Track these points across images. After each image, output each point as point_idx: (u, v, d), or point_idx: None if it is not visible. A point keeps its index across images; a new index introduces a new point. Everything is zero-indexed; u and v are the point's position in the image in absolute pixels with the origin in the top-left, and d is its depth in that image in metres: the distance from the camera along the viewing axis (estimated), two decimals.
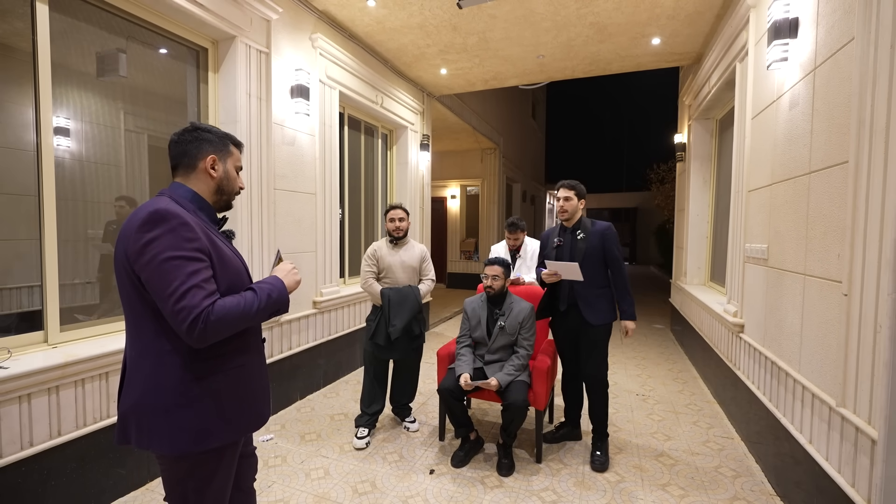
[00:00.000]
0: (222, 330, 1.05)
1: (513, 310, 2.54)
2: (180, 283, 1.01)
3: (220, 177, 1.23)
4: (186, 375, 1.09)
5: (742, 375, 2.77)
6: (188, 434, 1.09)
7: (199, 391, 1.11)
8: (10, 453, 1.74)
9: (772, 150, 2.40)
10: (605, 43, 4.08)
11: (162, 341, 1.09)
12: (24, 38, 2.07)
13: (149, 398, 1.09)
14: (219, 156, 1.23)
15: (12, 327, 1.97)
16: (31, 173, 2.07)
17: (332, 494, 2.19)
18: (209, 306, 1.03)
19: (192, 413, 1.10)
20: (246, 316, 1.09)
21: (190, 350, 1.09)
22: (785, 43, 2.14)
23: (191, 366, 1.10)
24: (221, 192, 1.25)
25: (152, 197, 1.23)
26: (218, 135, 1.25)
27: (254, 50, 2.93)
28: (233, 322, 1.07)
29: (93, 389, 2.03)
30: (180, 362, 1.09)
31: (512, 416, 2.37)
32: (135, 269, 1.05)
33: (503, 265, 2.55)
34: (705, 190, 4.64)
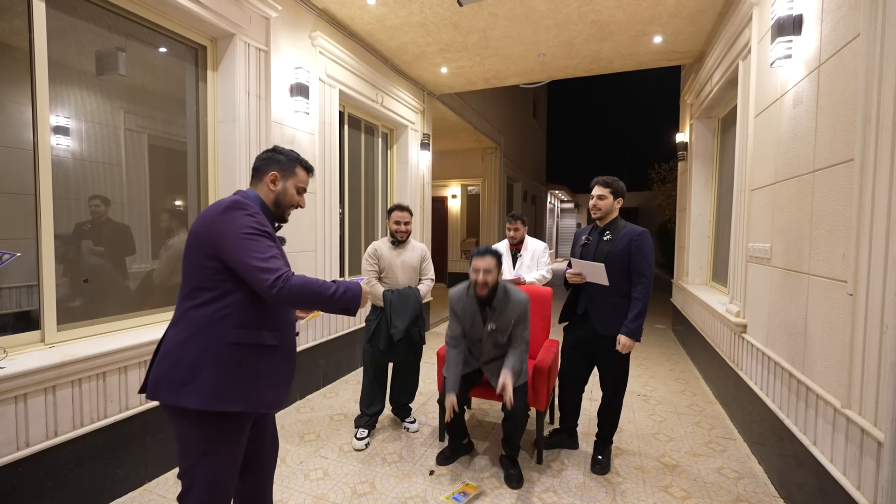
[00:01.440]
0: (297, 296, 1.22)
1: (506, 306, 2.25)
2: (262, 252, 1.23)
3: (278, 191, 1.43)
4: (221, 342, 1.26)
5: (745, 376, 2.74)
6: (208, 393, 1.24)
7: (228, 358, 1.26)
8: (6, 454, 1.73)
9: (775, 148, 2.37)
10: (606, 41, 4.05)
11: (211, 310, 1.27)
12: (23, 36, 2.05)
13: (184, 357, 1.25)
14: (281, 174, 1.43)
15: (9, 326, 1.96)
16: (28, 172, 2.05)
17: (330, 496, 2.18)
18: (288, 272, 1.23)
19: (217, 375, 1.25)
20: (321, 294, 1.25)
21: (231, 321, 1.27)
22: (789, 40, 2.12)
23: (228, 333, 1.26)
24: (278, 205, 1.44)
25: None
26: (289, 157, 1.46)
27: (253, 48, 2.92)
28: (308, 293, 1.23)
29: (90, 389, 2.02)
30: (220, 329, 1.26)
31: (514, 426, 2.26)
32: (216, 245, 1.25)
33: (496, 256, 2.24)
34: (707, 189, 4.61)
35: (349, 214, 4.38)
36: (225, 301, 1.27)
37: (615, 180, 2.36)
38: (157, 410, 2.31)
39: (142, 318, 2.46)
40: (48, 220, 2.05)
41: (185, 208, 2.83)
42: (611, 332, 2.32)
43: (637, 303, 2.25)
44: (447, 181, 9.87)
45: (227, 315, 1.27)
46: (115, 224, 2.43)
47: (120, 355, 2.11)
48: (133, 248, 2.53)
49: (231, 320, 1.27)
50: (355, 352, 4.13)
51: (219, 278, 1.27)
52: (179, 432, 1.30)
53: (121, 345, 2.11)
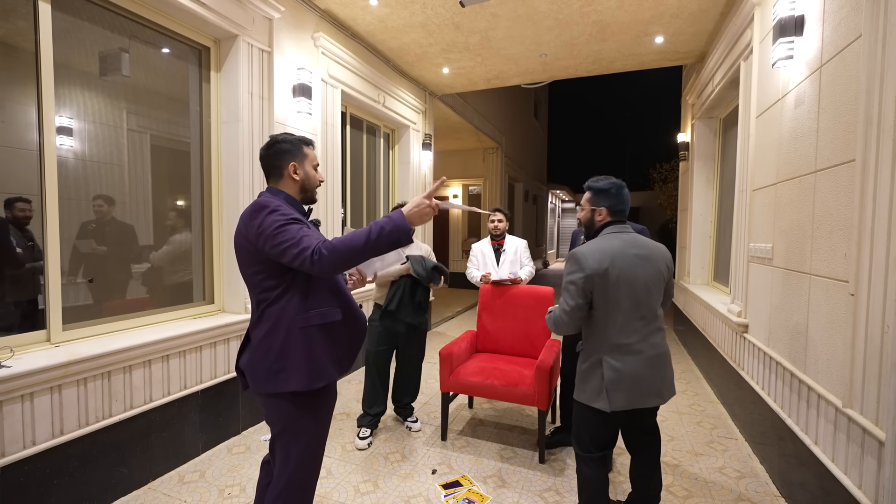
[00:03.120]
0: (338, 258, 1.23)
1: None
2: (292, 236, 1.27)
3: (303, 178, 1.47)
4: (297, 328, 1.35)
5: (746, 376, 2.75)
6: (300, 376, 1.35)
7: (305, 341, 1.36)
8: (12, 452, 1.74)
9: (776, 148, 2.38)
10: (607, 41, 4.06)
11: (281, 304, 1.36)
12: (27, 37, 2.07)
13: (272, 349, 1.36)
14: (298, 161, 1.46)
15: (15, 326, 1.97)
16: (34, 172, 2.07)
17: (334, 494, 2.19)
18: (320, 242, 1.26)
19: (303, 358, 1.35)
20: (355, 246, 1.24)
21: (297, 308, 1.36)
22: (790, 41, 2.13)
23: (297, 319, 1.35)
24: (305, 190, 1.48)
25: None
26: (293, 142, 1.46)
27: (256, 49, 2.93)
28: (346, 250, 1.23)
29: (95, 388, 2.03)
30: (292, 318, 1.35)
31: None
32: (258, 251, 1.32)
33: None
34: (709, 189, 4.61)
35: (351, 215, 4.40)
36: (288, 293, 1.36)
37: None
38: (160, 410, 2.32)
39: (146, 317, 2.48)
40: (54, 221, 2.06)
41: (189, 208, 2.84)
42: None
43: None
44: (448, 181, 9.88)
45: (293, 304, 1.36)
46: (119, 224, 2.44)
47: (125, 354, 2.12)
48: (137, 248, 2.54)
49: (297, 308, 1.36)
50: None
51: (275, 276, 1.36)
52: (279, 414, 1.41)
53: (125, 344, 2.13)
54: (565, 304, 1.70)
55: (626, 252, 1.66)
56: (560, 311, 1.73)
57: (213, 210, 2.89)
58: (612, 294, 1.63)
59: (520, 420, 3.06)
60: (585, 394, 1.71)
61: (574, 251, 1.71)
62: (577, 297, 1.66)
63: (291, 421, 1.41)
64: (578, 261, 1.66)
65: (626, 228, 1.75)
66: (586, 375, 1.72)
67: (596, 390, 1.66)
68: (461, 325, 6.30)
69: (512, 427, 2.95)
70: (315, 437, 1.47)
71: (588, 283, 1.64)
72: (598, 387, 1.66)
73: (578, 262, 1.66)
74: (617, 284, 1.63)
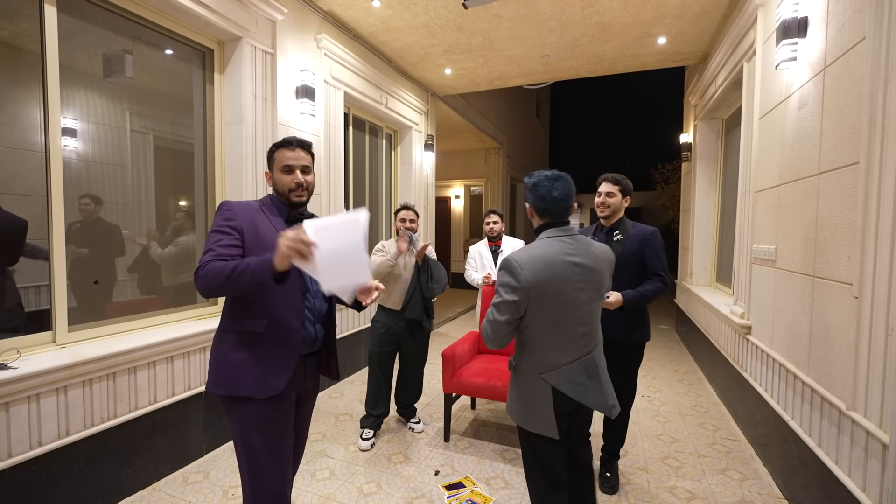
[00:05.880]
0: (206, 284, 1.27)
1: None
2: (207, 245, 1.34)
3: (273, 184, 1.50)
4: (222, 328, 1.42)
5: (749, 377, 2.75)
6: (216, 378, 1.39)
7: (225, 343, 1.40)
8: (19, 453, 1.75)
9: (780, 150, 2.38)
10: (610, 42, 4.06)
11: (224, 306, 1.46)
12: (32, 39, 2.08)
13: (213, 345, 1.45)
14: (270, 167, 1.51)
15: (21, 327, 1.99)
16: (38, 174, 2.08)
17: (337, 495, 2.20)
18: (206, 262, 1.29)
19: (220, 361, 1.40)
20: (219, 276, 1.25)
21: (225, 310, 1.43)
22: (794, 42, 2.12)
23: (224, 322, 1.42)
24: (279, 194, 1.50)
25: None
26: (270, 150, 1.51)
27: (259, 51, 2.94)
28: (211, 279, 1.26)
29: (100, 389, 2.04)
30: (222, 319, 1.43)
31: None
32: None
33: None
34: (711, 190, 4.61)
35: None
36: (229, 298, 1.43)
37: (624, 178, 2.23)
38: (164, 411, 2.34)
39: (150, 318, 2.49)
40: (59, 222, 2.08)
41: (192, 209, 2.85)
42: (623, 338, 2.18)
43: (648, 286, 2.12)
44: (450, 181, 9.88)
45: (225, 308, 1.43)
46: (104, 224, 2.38)
47: (129, 356, 2.13)
48: (122, 249, 2.47)
49: (225, 311, 1.43)
50: (360, 352, 4.15)
51: None
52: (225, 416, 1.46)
53: (130, 345, 2.14)
54: (493, 316, 1.46)
55: (565, 260, 1.43)
56: (486, 324, 1.49)
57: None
58: (550, 310, 1.43)
59: None
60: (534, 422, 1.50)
61: (508, 258, 1.45)
62: (508, 311, 1.43)
63: (230, 426, 1.43)
64: (513, 271, 1.42)
65: (566, 229, 1.51)
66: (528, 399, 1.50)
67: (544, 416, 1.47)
68: (463, 325, 6.30)
69: (514, 428, 2.95)
70: (253, 452, 1.39)
71: (523, 297, 1.41)
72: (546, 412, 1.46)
73: (513, 273, 1.42)
74: (555, 300, 1.42)
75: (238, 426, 1.40)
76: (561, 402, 1.47)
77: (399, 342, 2.81)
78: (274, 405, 1.40)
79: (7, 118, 2.15)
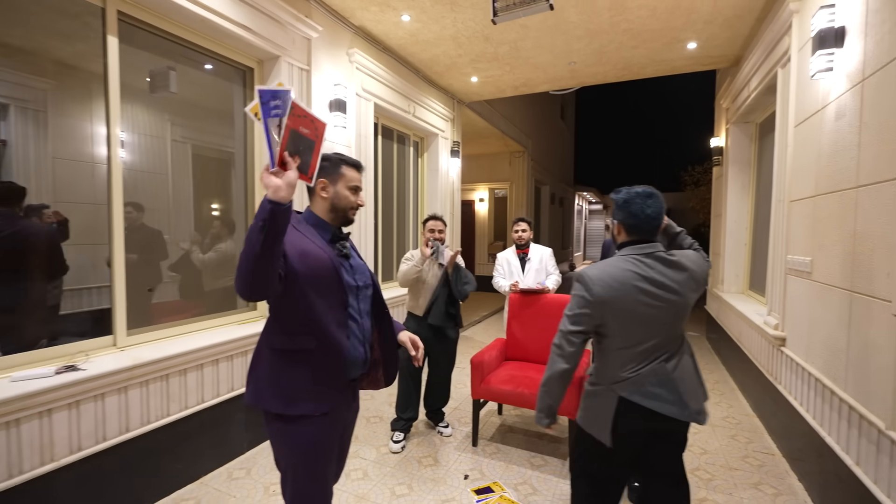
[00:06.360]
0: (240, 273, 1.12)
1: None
2: None
3: (331, 197, 1.42)
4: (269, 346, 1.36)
5: (783, 390, 2.70)
6: (265, 395, 1.34)
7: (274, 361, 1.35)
8: (87, 446, 1.93)
9: (816, 160, 2.34)
10: (638, 48, 4.03)
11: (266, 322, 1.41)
12: (85, 58, 2.27)
13: (254, 361, 1.40)
14: (329, 179, 1.42)
15: (87, 331, 2.17)
16: (89, 183, 2.28)
17: (371, 495, 2.29)
18: None
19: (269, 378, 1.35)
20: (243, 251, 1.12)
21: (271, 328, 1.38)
22: (830, 52, 2.09)
23: (271, 339, 1.36)
24: (335, 210, 1.43)
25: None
26: (332, 160, 1.44)
27: (296, 68, 3.08)
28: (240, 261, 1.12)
29: (156, 390, 2.21)
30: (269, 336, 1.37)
31: None
32: None
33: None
34: (744, 196, 4.51)
35: (382, 223, 4.52)
36: (270, 313, 1.39)
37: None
38: (210, 410, 2.49)
39: (196, 323, 2.66)
40: (119, 231, 2.25)
41: (233, 218, 3.02)
42: None
43: None
44: (474, 185, 9.94)
45: (269, 325, 1.39)
46: (148, 229, 2.52)
47: (180, 359, 2.29)
48: (165, 253, 2.65)
49: (270, 329, 1.38)
50: None
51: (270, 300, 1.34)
52: (269, 435, 1.41)
53: (181, 349, 2.30)
54: (565, 327, 1.49)
55: (637, 285, 1.42)
56: (559, 336, 1.51)
57: None
58: (621, 326, 1.44)
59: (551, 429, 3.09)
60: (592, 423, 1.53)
61: (582, 272, 1.50)
62: (580, 323, 1.47)
63: (278, 443, 1.38)
64: (586, 285, 1.46)
65: (645, 250, 1.47)
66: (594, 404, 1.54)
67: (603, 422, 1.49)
68: (488, 329, 6.35)
69: (541, 435, 2.99)
70: (305, 468, 1.37)
71: (595, 311, 1.44)
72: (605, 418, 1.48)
73: (586, 287, 1.46)
74: (626, 321, 1.44)
75: (285, 444, 1.36)
76: (630, 414, 1.45)
77: (428, 348, 2.89)
78: (322, 423, 1.37)
79: (62, 131, 2.35)
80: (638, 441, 1.50)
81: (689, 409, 1.45)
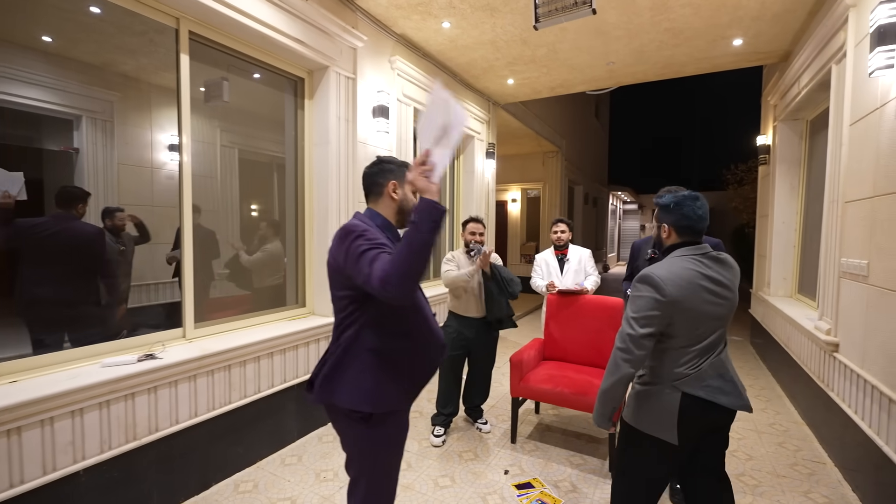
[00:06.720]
0: (398, 273, 1.16)
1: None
2: (369, 262, 1.24)
3: (400, 199, 1.46)
4: (366, 347, 1.36)
5: (836, 397, 2.61)
6: (361, 394, 1.35)
7: (372, 361, 1.36)
8: (164, 428, 2.13)
9: (874, 160, 2.26)
10: (680, 47, 3.97)
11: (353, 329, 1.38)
12: (147, 71, 2.52)
13: (339, 368, 1.38)
14: (399, 181, 1.45)
15: (161, 324, 2.38)
16: (149, 187, 2.54)
17: (416, 486, 2.40)
18: (383, 268, 1.20)
19: (367, 378, 1.36)
20: (407, 250, 1.16)
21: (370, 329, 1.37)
22: (891, 49, 2.02)
23: (368, 340, 1.36)
24: (402, 212, 1.47)
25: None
26: (397, 164, 1.48)
27: (343, 77, 3.24)
28: (403, 263, 1.16)
29: (220, 379, 2.39)
30: (365, 337, 1.36)
31: None
32: (345, 275, 1.33)
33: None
34: (793, 196, 4.34)
35: None
36: (363, 319, 1.37)
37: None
38: (266, 399, 2.66)
39: (251, 318, 2.85)
40: (189, 231, 2.46)
41: (284, 220, 3.21)
42: None
43: None
44: (507, 185, 9.94)
45: (367, 330, 1.37)
46: (203, 230, 2.68)
47: (241, 351, 2.47)
48: (218, 252, 2.83)
49: (370, 334, 1.36)
50: None
51: (356, 301, 1.37)
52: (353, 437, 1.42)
53: (242, 342, 2.48)
54: (632, 330, 1.47)
55: (702, 284, 1.47)
56: (623, 340, 1.49)
57: (306, 222, 3.23)
58: (687, 325, 1.47)
59: (587, 428, 3.11)
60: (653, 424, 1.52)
61: (648, 273, 1.50)
62: (650, 325, 1.46)
63: (362, 444, 1.41)
64: (656, 285, 1.46)
65: (701, 250, 1.53)
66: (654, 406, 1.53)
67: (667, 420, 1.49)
68: (524, 328, 6.36)
69: (579, 434, 3.01)
70: (387, 457, 1.44)
71: (666, 312, 1.45)
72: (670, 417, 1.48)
73: (655, 286, 1.46)
74: (693, 320, 1.46)
75: (372, 444, 1.40)
76: (693, 409, 1.47)
77: (469, 346, 2.97)
78: (404, 418, 1.45)
79: (126, 139, 2.58)
80: (696, 437, 1.52)
81: (743, 399, 1.50)
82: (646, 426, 1.53)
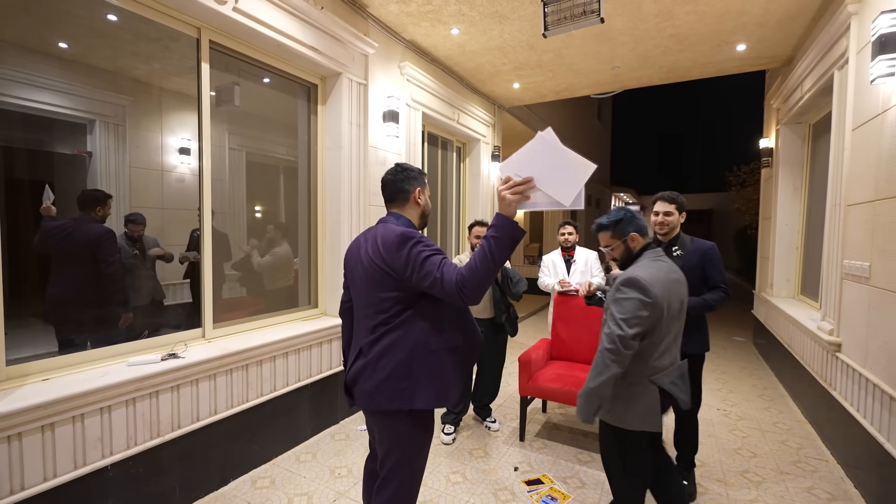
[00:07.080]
0: (476, 281, 1.26)
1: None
2: (438, 267, 1.33)
3: (424, 204, 1.57)
4: (427, 347, 1.41)
5: (839, 396, 2.66)
6: (429, 395, 1.41)
7: (431, 362, 1.41)
8: (185, 425, 2.20)
9: (875, 164, 2.32)
10: (685, 52, 4.03)
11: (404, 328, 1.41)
12: (158, 75, 2.58)
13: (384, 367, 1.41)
14: (422, 188, 1.56)
15: (182, 324, 2.45)
16: (159, 189, 2.62)
17: (428, 481, 2.46)
18: (459, 272, 1.30)
19: (430, 379, 1.41)
20: (486, 262, 1.26)
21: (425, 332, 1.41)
22: (892, 58, 2.08)
23: (427, 341, 1.41)
24: (424, 216, 1.58)
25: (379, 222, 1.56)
26: (417, 171, 1.57)
27: (355, 83, 3.31)
28: (481, 272, 1.26)
29: (238, 378, 2.46)
30: (420, 340, 1.41)
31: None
32: (401, 279, 1.38)
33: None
34: (796, 198, 4.39)
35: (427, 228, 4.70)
36: (415, 318, 1.41)
37: (678, 195, 2.33)
38: (281, 398, 2.73)
39: (267, 319, 2.91)
40: (208, 234, 2.52)
41: (297, 222, 3.28)
42: (692, 351, 2.24)
43: (712, 295, 2.24)
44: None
45: (421, 328, 1.41)
46: (216, 232, 2.69)
47: (257, 350, 2.54)
48: (230, 255, 2.89)
49: (426, 331, 1.41)
50: None
51: (404, 302, 1.41)
52: (396, 433, 1.46)
53: (258, 342, 2.54)
54: (621, 331, 1.54)
55: (673, 277, 1.68)
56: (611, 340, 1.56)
57: (319, 225, 3.30)
58: (665, 324, 1.62)
59: (594, 426, 3.17)
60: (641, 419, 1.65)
61: (633, 276, 1.59)
62: (639, 326, 1.55)
63: (407, 440, 1.45)
64: (642, 287, 1.56)
65: (659, 250, 1.75)
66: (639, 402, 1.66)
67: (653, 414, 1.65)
68: (528, 329, 6.42)
69: (587, 433, 3.07)
70: (423, 459, 1.53)
71: (654, 312, 1.56)
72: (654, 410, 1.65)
73: (642, 289, 1.56)
74: (671, 316, 1.63)
75: (418, 440, 1.47)
76: (663, 399, 1.67)
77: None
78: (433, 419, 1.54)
79: (137, 143, 2.64)
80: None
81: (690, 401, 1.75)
82: (637, 424, 1.66)
